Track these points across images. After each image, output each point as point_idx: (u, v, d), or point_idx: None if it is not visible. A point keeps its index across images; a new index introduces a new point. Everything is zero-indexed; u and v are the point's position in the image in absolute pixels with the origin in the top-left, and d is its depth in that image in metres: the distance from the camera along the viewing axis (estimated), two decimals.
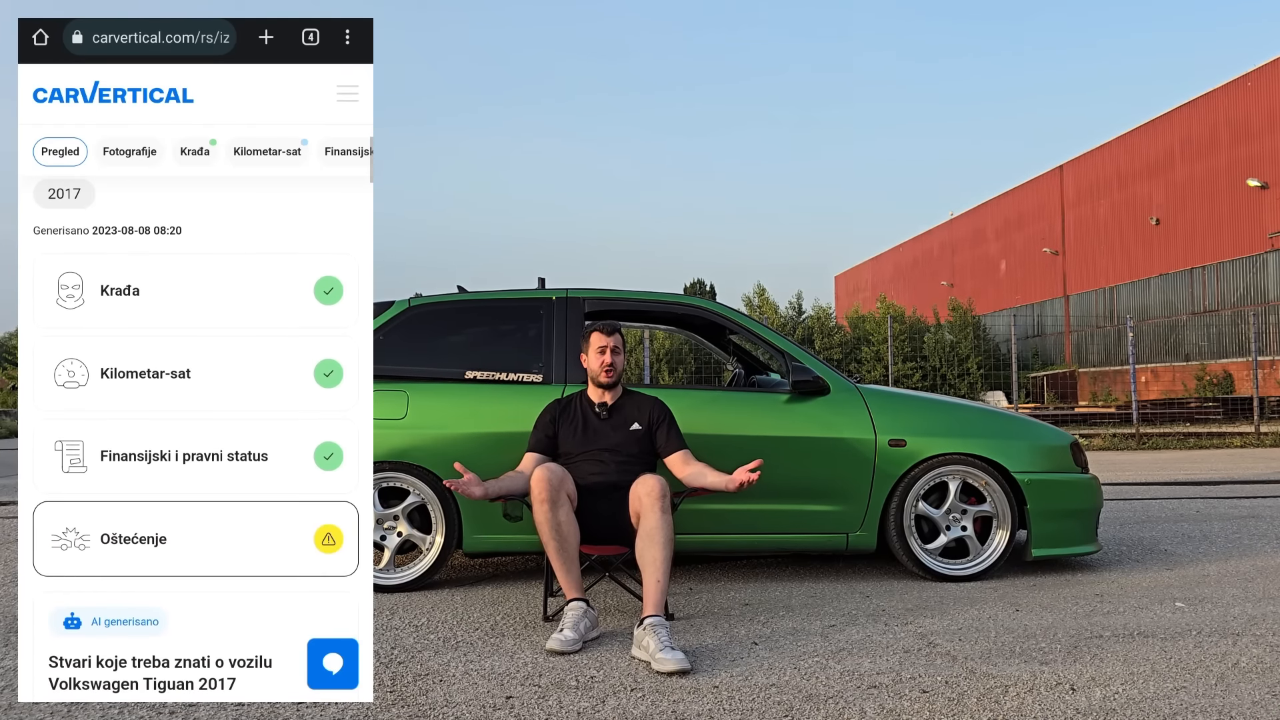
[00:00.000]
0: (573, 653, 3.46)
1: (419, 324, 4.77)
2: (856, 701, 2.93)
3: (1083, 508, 4.82)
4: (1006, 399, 22.90)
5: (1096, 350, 32.92)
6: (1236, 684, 3.07)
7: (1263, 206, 25.75)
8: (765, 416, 4.70)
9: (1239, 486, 9.12)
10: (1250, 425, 17.21)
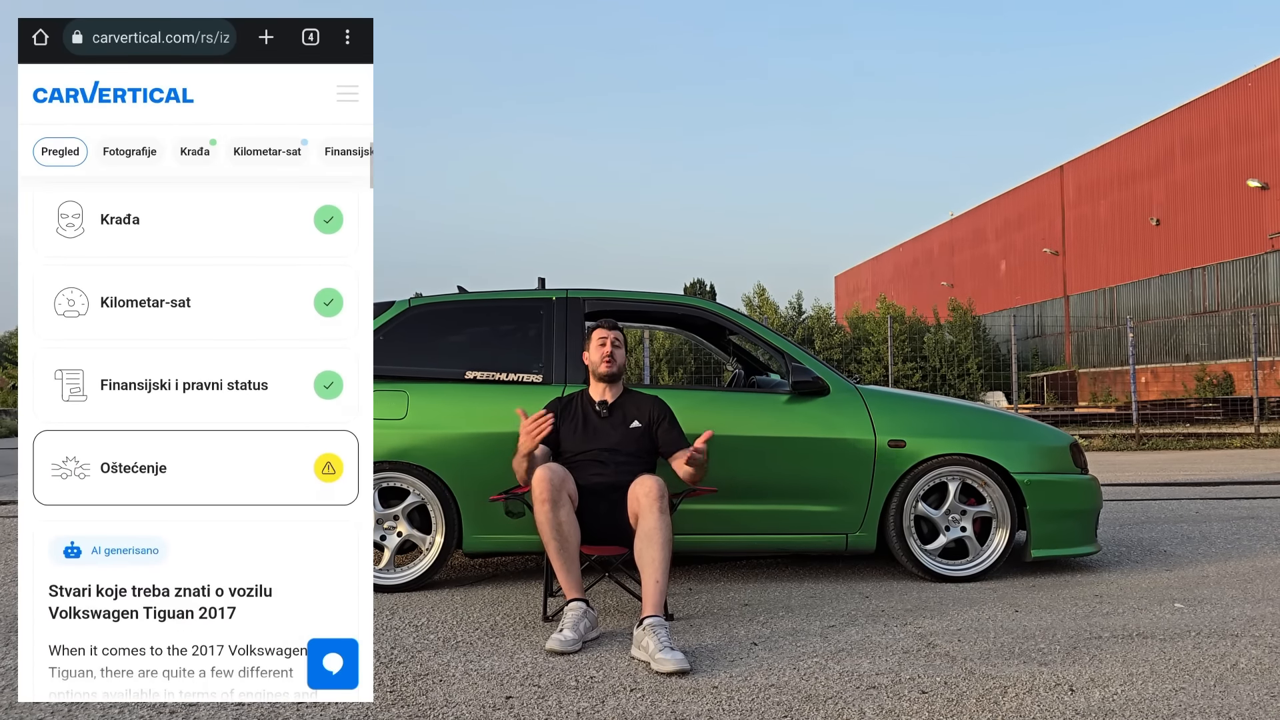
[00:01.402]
0: (572, 653, 3.46)
1: (419, 324, 4.77)
2: (856, 702, 2.93)
3: (1082, 508, 4.82)
4: (1006, 399, 22.90)
5: (1096, 351, 32.94)
6: (1235, 685, 3.07)
7: (1263, 207, 25.76)
8: (765, 417, 4.70)
9: (1238, 487, 9.12)
10: (1250, 426, 17.21)
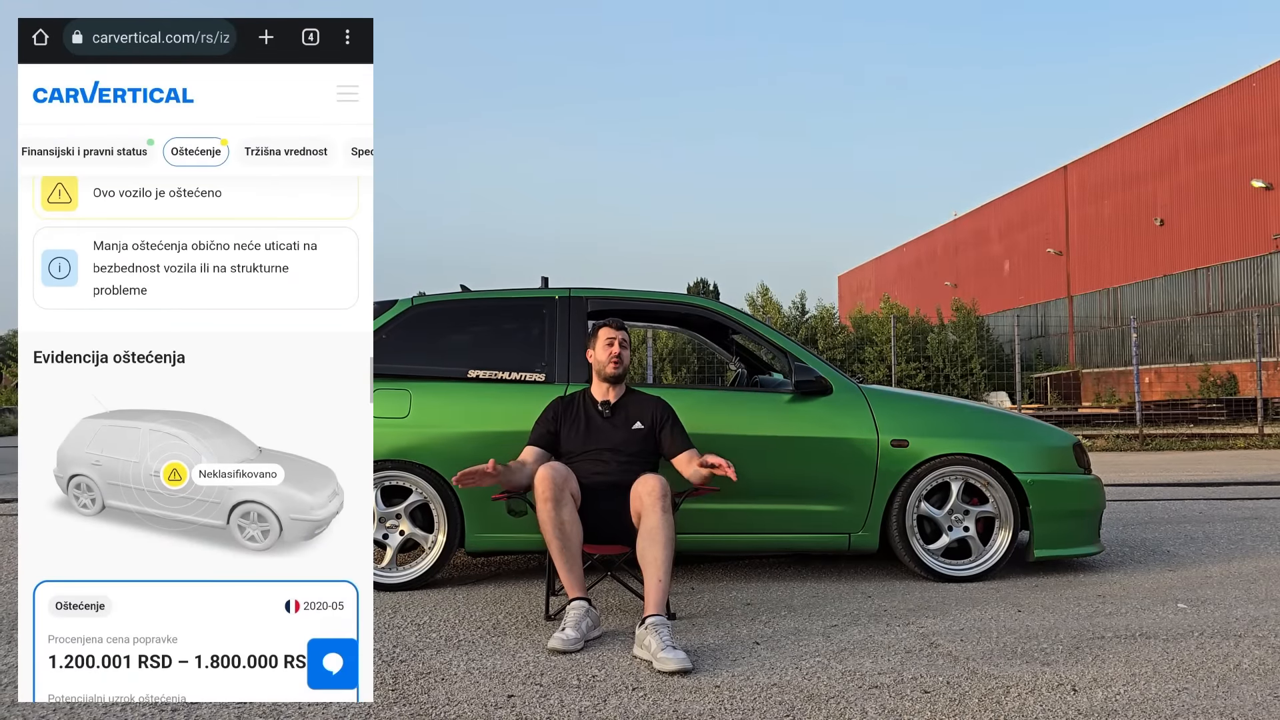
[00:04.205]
0: (574, 652, 3.45)
1: (421, 323, 4.77)
2: (858, 701, 2.92)
3: (1085, 509, 4.81)
4: (1010, 399, 22.88)
5: (1100, 351, 32.89)
6: (1239, 685, 3.06)
7: (1267, 207, 25.72)
8: (768, 416, 4.69)
9: (1242, 488, 9.10)
10: (1254, 426, 17.16)
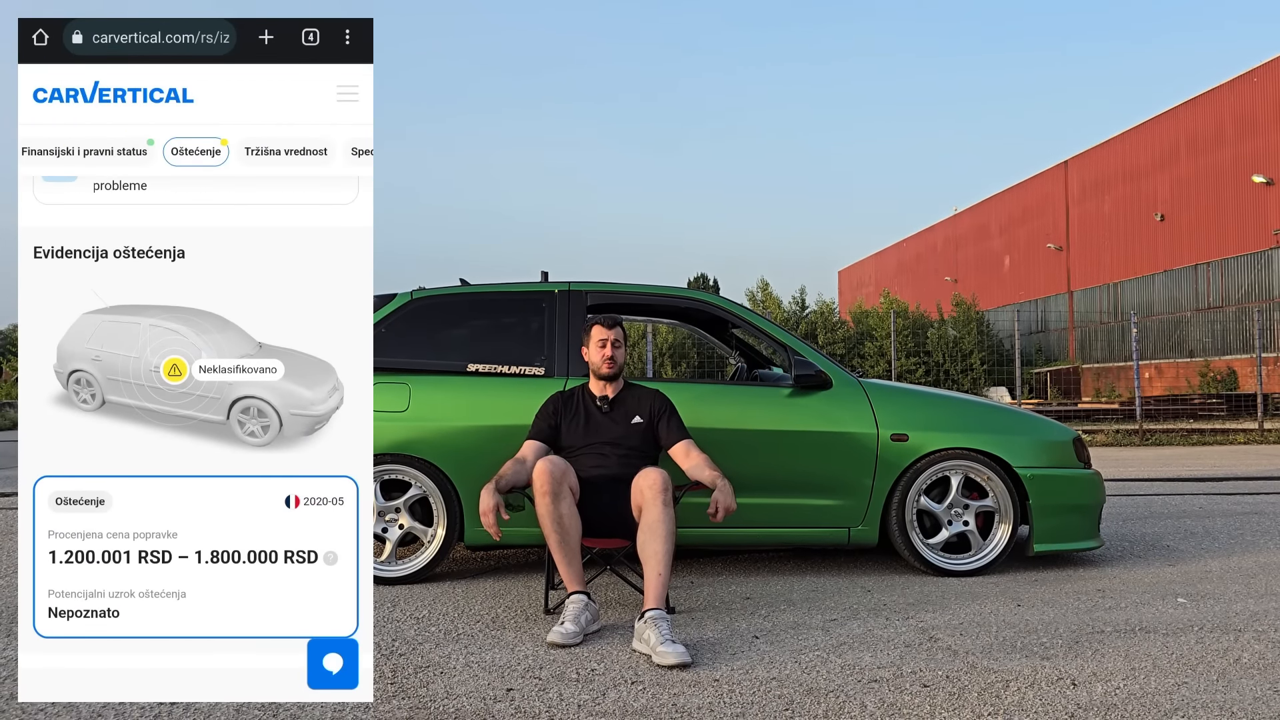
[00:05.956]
0: (574, 645, 3.47)
1: (421, 317, 4.78)
2: (857, 695, 2.93)
3: (1085, 503, 4.82)
4: (1010, 395, 22.87)
5: (1100, 346, 32.87)
6: (1238, 680, 3.07)
7: (1268, 203, 25.68)
8: (768, 410, 4.70)
9: (1242, 483, 9.11)
10: (1253, 422, 17.17)
